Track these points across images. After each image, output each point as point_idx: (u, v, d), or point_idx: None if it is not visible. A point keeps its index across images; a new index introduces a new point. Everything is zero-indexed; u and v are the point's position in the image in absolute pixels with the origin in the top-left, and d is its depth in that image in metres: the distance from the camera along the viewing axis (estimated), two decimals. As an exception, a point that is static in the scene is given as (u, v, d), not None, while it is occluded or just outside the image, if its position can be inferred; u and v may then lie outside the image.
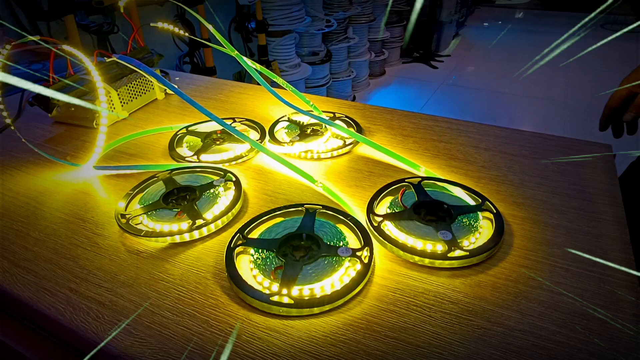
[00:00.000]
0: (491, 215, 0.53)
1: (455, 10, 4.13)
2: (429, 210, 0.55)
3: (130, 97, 0.86)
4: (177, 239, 0.52)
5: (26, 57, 1.18)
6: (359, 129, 0.76)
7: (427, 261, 0.47)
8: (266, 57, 2.38)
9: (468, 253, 0.47)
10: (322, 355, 0.38)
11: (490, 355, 0.38)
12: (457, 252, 0.47)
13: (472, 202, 0.56)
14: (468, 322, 0.41)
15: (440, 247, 0.48)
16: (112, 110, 0.82)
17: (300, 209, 0.55)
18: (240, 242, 0.50)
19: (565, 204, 0.57)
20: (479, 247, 0.48)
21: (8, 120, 0.67)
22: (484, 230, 0.52)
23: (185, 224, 0.53)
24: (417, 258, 0.48)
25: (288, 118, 0.79)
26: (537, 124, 2.84)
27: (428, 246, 0.49)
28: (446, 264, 0.47)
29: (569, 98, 3.14)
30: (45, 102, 0.75)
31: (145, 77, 0.89)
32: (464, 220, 0.52)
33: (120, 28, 1.76)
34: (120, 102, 0.84)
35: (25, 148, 0.72)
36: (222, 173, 0.63)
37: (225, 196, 0.58)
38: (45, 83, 0.76)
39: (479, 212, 0.54)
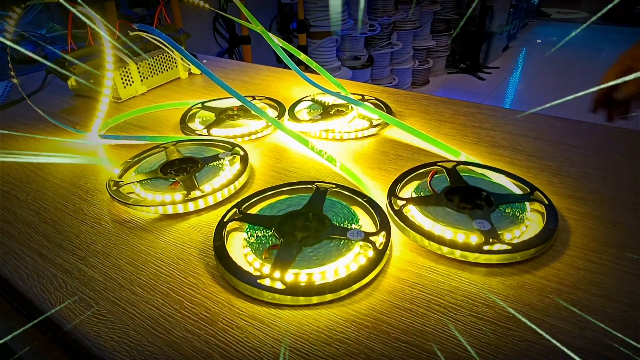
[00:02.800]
0: (542, 208, 0.43)
1: (507, 21, 3.95)
2: (463, 197, 0.46)
3: (151, 72, 0.82)
4: (170, 210, 0.46)
5: (65, 40, 1.19)
6: (389, 112, 0.68)
7: (457, 254, 0.38)
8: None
9: (511, 247, 0.38)
10: (311, 355, 0.30)
11: (536, 377, 0.28)
12: (497, 246, 0.38)
13: (518, 192, 0.46)
14: (507, 331, 0.31)
15: (474, 239, 0.39)
16: (131, 84, 0.78)
17: (310, 186, 0.48)
18: (236, 217, 0.43)
19: None
20: (524, 241, 0.39)
21: (14, 80, 0.64)
22: (532, 223, 0.42)
23: (179, 195, 0.47)
24: (445, 249, 0.39)
25: (312, 98, 0.72)
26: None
27: (460, 236, 0.39)
28: (482, 258, 0.38)
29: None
30: (60, 71, 0.73)
31: (168, 54, 0.85)
32: (507, 211, 0.43)
33: (162, 21, 1.78)
34: (140, 76, 0.80)
35: (38, 117, 0.69)
36: (230, 147, 0.56)
37: (229, 170, 0.52)
38: (64, 51, 0.73)
39: (526, 203, 0.44)
